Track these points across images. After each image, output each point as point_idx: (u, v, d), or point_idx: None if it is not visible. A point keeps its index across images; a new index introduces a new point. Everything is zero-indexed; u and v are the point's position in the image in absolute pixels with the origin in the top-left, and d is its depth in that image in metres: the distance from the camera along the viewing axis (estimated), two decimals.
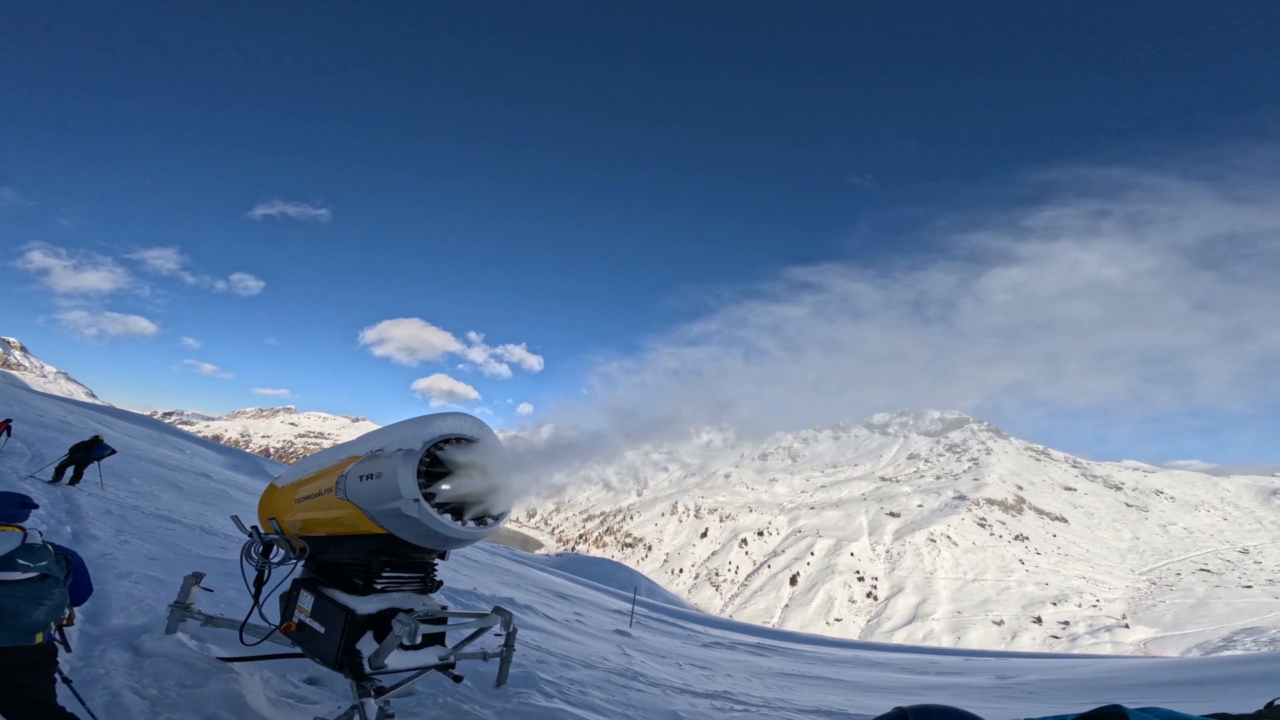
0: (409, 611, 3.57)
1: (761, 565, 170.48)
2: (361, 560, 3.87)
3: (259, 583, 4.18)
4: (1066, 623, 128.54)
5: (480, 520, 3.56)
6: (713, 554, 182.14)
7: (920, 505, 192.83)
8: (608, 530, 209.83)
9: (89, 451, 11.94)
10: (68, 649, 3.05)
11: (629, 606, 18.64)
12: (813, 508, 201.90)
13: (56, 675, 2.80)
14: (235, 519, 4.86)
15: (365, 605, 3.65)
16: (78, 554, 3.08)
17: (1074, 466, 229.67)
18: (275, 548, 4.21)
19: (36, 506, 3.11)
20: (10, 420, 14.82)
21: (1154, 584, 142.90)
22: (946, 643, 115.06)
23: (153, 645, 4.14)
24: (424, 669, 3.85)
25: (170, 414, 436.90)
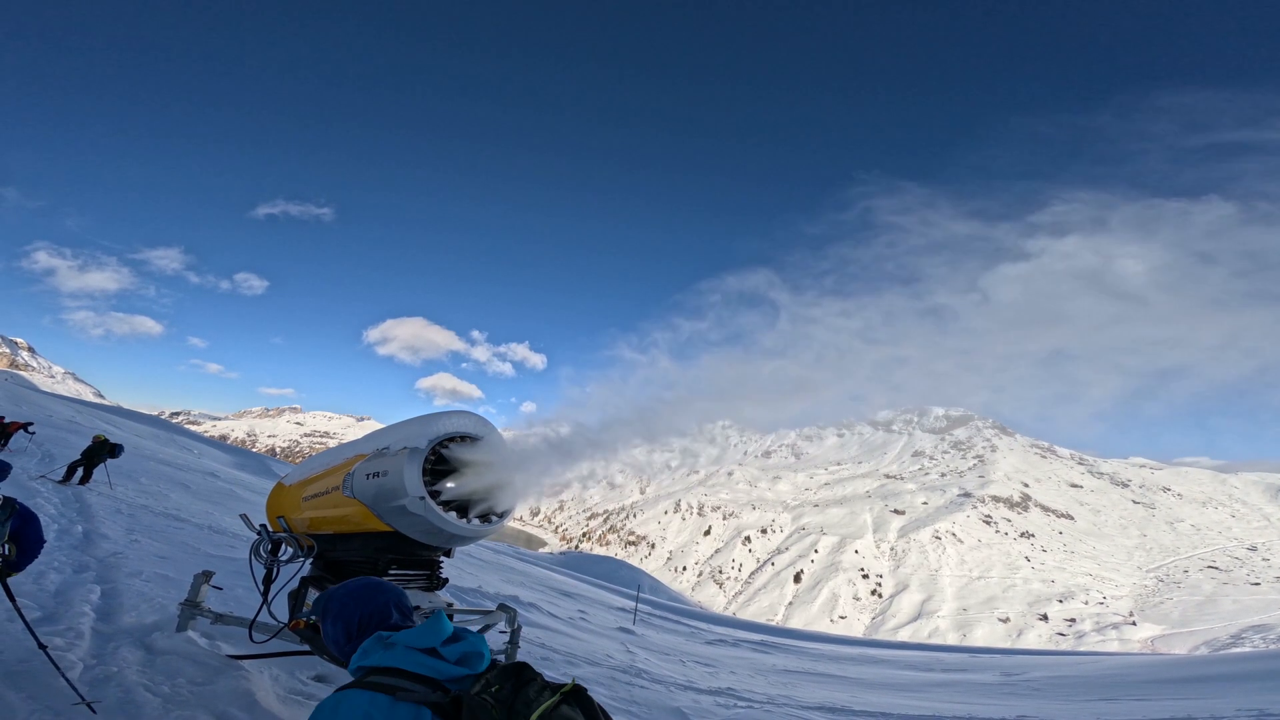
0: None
1: (765, 563, 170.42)
2: (368, 558, 3.90)
3: (267, 580, 4.22)
4: (1073, 620, 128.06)
5: (485, 518, 3.58)
6: (716, 551, 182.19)
7: (925, 502, 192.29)
8: (611, 528, 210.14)
9: (114, 454, 12.17)
10: (6, 590, 3.45)
11: (632, 604, 18.68)
12: (816, 505, 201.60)
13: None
14: (244, 517, 4.91)
15: None
16: (25, 505, 3.45)
17: (1080, 463, 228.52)
18: (283, 545, 4.25)
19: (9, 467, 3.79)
20: (31, 424, 15.04)
21: (1161, 581, 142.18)
22: (952, 640, 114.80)
23: (164, 643, 4.18)
24: None
25: (177, 414, 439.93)
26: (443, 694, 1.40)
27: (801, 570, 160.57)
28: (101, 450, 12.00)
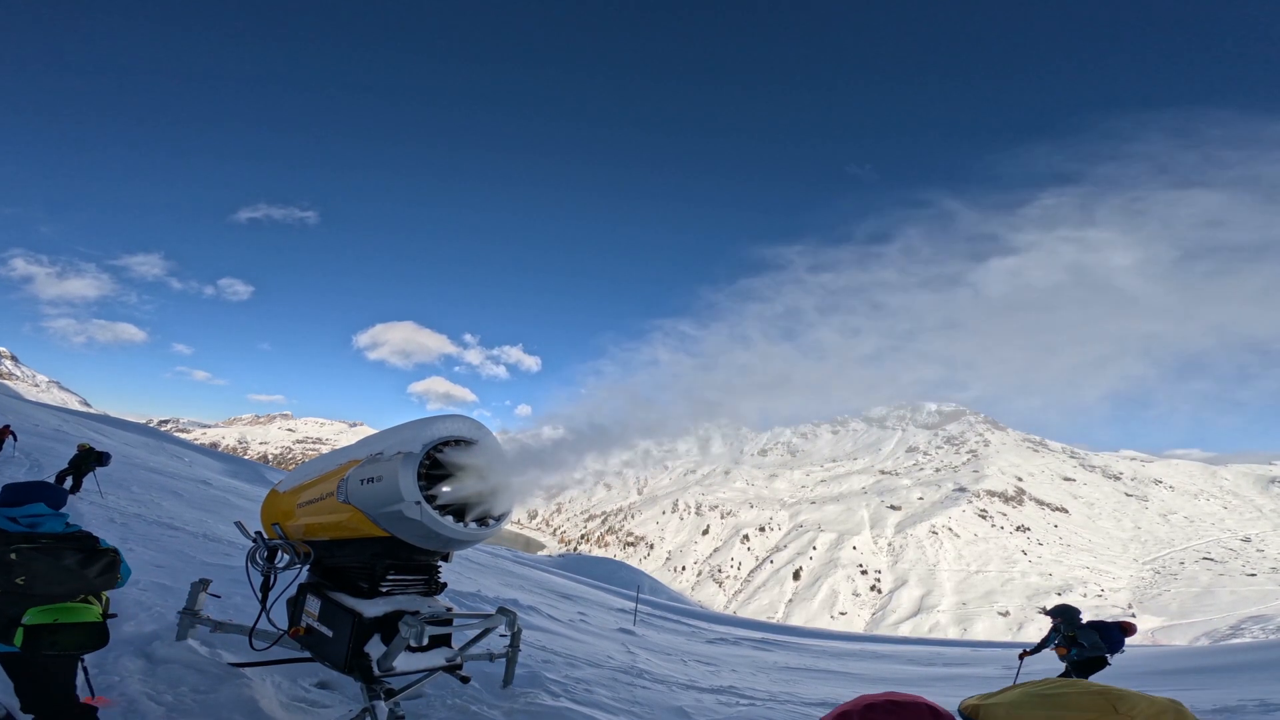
0: (415, 614, 3.59)
1: (764, 561, 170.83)
2: (366, 563, 3.88)
3: (265, 588, 4.19)
4: None
5: (482, 521, 3.57)
6: (715, 551, 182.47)
7: (921, 498, 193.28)
8: (609, 530, 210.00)
9: (101, 462, 12.05)
10: None
11: (632, 605, 18.67)
12: (813, 502, 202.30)
13: None
14: (239, 524, 4.88)
15: (372, 608, 3.67)
16: None
17: (1072, 457, 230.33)
18: (280, 553, 4.22)
19: None
20: (9, 425, 14.85)
21: (1158, 573, 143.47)
22: (953, 634, 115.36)
23: (164, 652, 4.15)
24: (432, 670, 3.87)
25: (166, 421, 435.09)
26: None
27: (800, 567, 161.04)
28: (88, 458, 11.90)
